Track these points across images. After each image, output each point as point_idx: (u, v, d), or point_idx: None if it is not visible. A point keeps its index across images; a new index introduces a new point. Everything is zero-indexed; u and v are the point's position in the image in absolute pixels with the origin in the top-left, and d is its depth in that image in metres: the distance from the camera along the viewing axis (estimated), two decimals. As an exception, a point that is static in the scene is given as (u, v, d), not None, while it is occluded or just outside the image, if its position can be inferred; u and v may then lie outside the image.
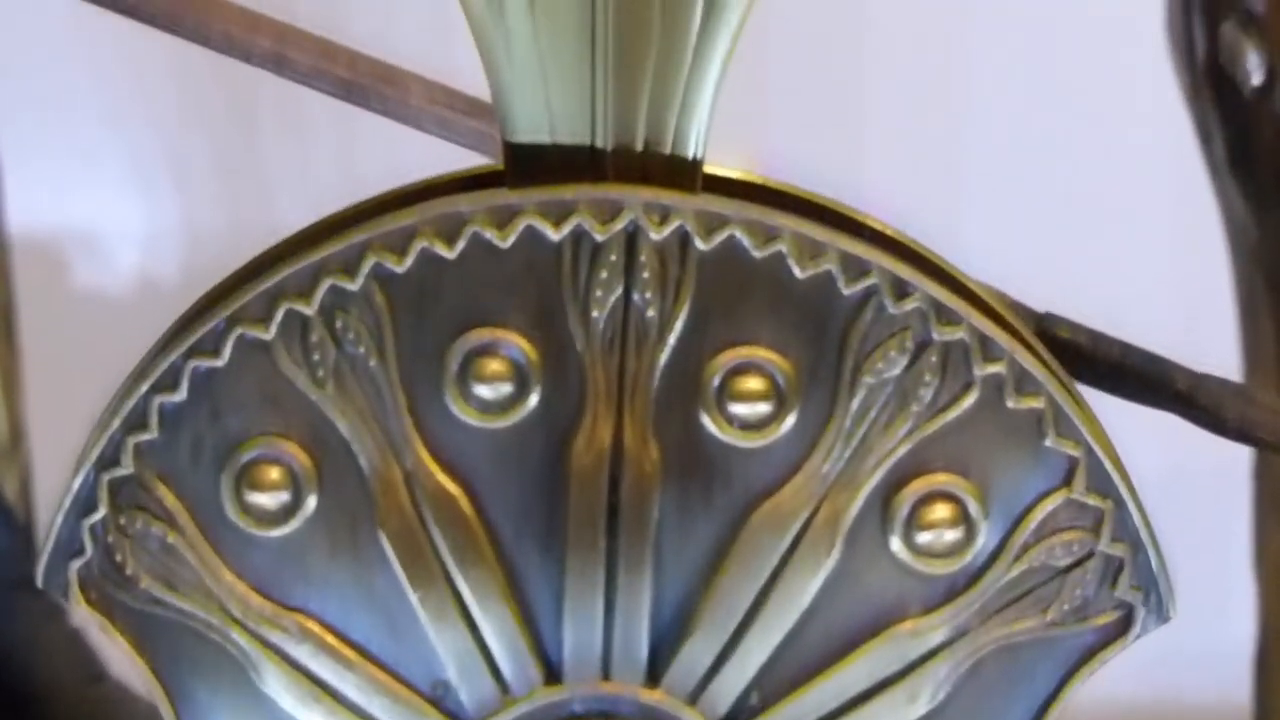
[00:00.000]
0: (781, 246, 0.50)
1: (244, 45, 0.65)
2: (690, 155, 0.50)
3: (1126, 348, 0.64)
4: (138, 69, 1.12)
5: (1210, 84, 0.73)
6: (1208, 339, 0.71)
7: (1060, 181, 1.05)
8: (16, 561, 0.94)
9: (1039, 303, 0.68)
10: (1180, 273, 0.93)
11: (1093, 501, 0.51)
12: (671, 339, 0.50)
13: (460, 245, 0.50)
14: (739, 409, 0.50)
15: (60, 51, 1.11)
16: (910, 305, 0.50)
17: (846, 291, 0.50)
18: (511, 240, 0.50)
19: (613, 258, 0.50)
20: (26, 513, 0.98)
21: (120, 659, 0.53)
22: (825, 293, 0.50)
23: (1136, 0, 0.72)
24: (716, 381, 0.50)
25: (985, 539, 0.51)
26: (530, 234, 0.50)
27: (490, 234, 0.50)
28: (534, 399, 0.50)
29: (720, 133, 0.52)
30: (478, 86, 0.53)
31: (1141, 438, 0.64)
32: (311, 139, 1.14)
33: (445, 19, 0.51)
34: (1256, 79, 0.68)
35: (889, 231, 0.52)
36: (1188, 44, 0.72)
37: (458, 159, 0.70)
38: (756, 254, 0.50)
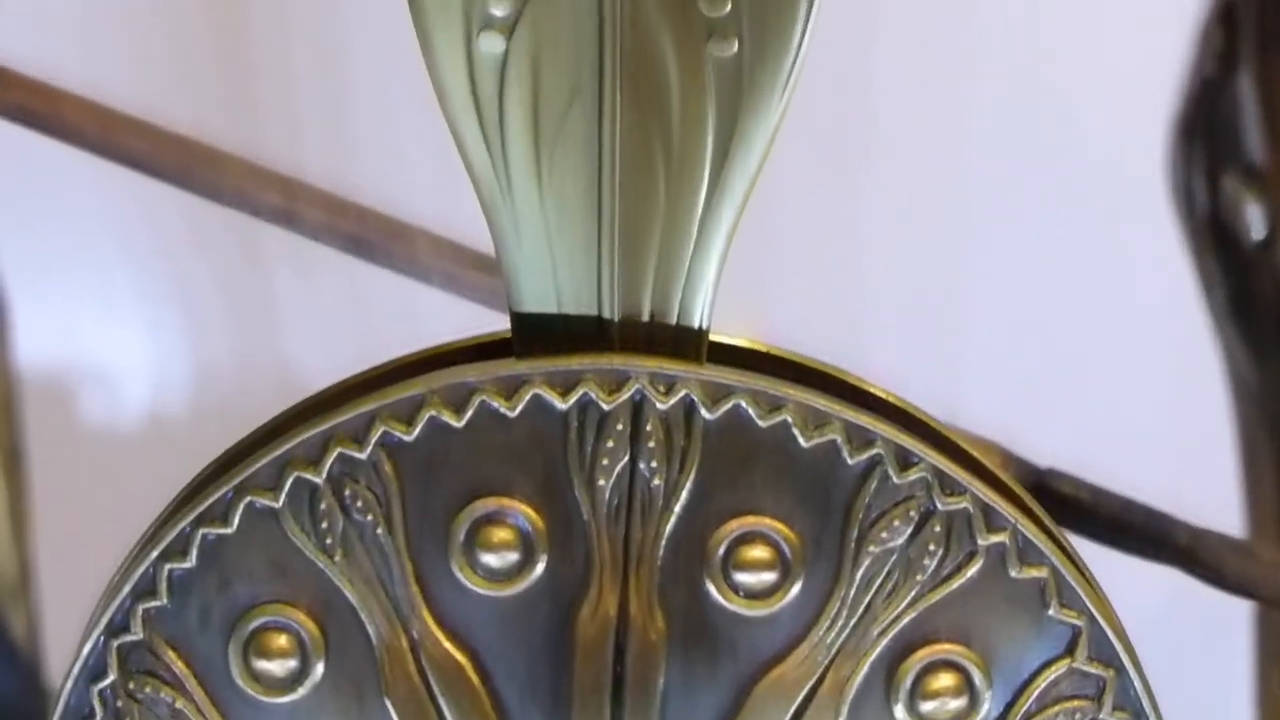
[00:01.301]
0: (786, 416, 0.50)
1: (253, 200, 0.66)
2: (696, 325, 0.51)
3: (1128, 503, 0.65)
4: (147, 204, 1.13)
5: (1211, 235, 0.73)
6: (1209, 489, 0.71)
7: (1060, 334, 1.05)
8: (24, 703, 0.94)
9: (1041, 454, 0.68)
10: (1181, 423, 0.93)
11: (1095, 670, 0.52)
12: (677, 508, 0.50)
13: (468, 414, 0.50)
14: (744, 578, 0.51)
15: (70, 186, 1.12)
16: (914, 475, 0.50)
17: (851, 461, 0.50)
18: (519, 409, 0.50)
19: (619, 427, 0.50)
20: (34, 653, 0.98)
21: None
22: (830, 462, 0.50)
23: (1134, 153, 0.73)
24: (722, 550, 0.51)
25: (989, 708, 0.52)
26: (537, 403, 0.50)
27: (498, 403, 0.50)
28: (540, 567, 0.51)
29: (725, 297, 0.52)
30: (486, 241, 0.53)
31: (1141, 574, 0.65)
32: (321, 276, 1.15)
33: (454, 173, 0.52)
34: (1257, 232, 0.68)
35: (892, 399, 0.53)
36: (1188, 196, 0.73)
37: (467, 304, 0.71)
38: (762, 423, 0.50)
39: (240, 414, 1.06)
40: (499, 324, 0.53)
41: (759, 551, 0.51)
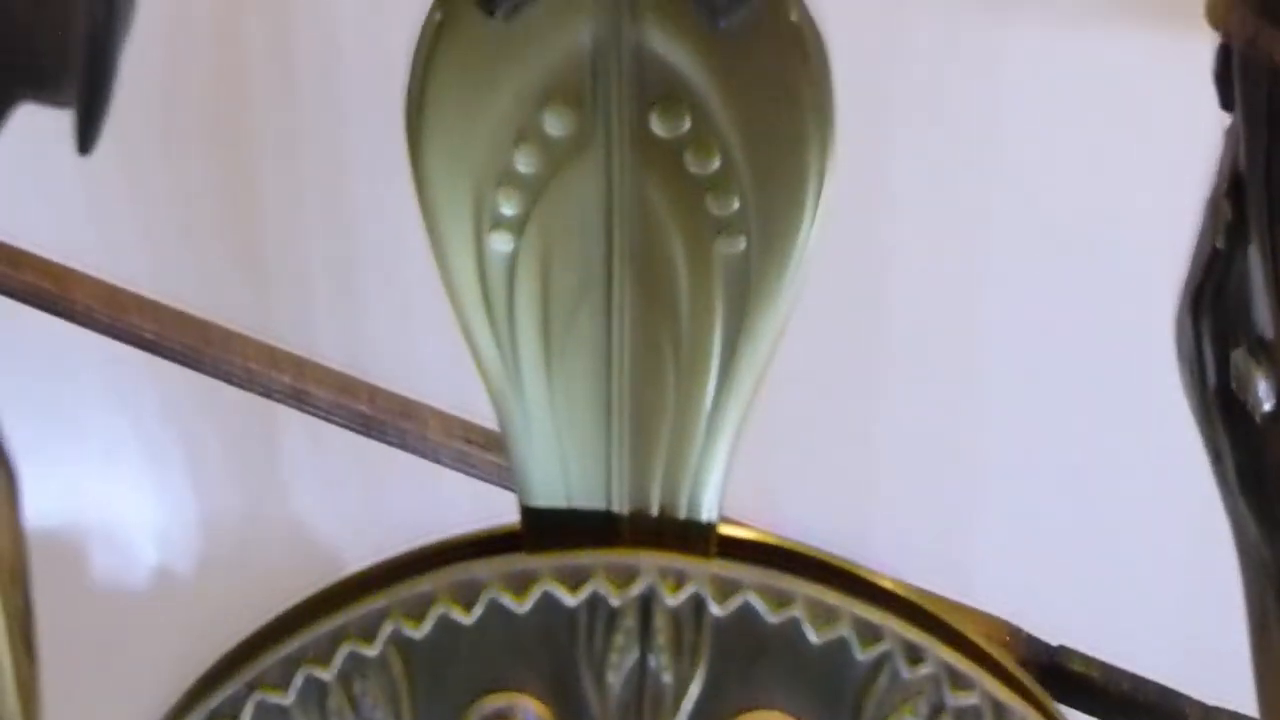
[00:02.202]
0: (796, 612, 0.50)
1: (264, 380, 0.67)
2: (704, 519, 0.51)
3: (1138, 681, 0.64)
4: (154, 365, 1.14)
5: (1221, 407, 0.73)
6: (1220, 666, 0.71)
7: (1071, 512, 1.06)
8: None
9: (1051, 631, 0.68)
10: (1191, 598, 0.93)
11: None
12: (687, 704, 0.50)
13: (477, 611, 0.50)
14: (756, 773, 0.51)
15: (77, 346, 1.13)
16: (924, 670, 0.50)
17: (860, 657, 0.50)
18: (528, 606, 0.50)
19: (628, 623, 0.50)
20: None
21: None
22: (840, 658, 0.50)
23: (1142, 327, 0.73)
24: (733, 746, 0.51)
25: None
26: (547, 599, 0.50)
27: (507, 599, 0.50)
28: (550, 764, 0.51)
29: (735, 485, 0.52)
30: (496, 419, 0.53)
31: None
32: (328, 435, 1.15)
33: (465, 352, 0.52)
34: (1267, 405, 0.68)
35: (901, 591, 0.52)
36: (1199, 368, 0.73)
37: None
38: (771, 619, 0.50)
39: (248, 572, 1.06)
40: (507, 498, 0.53)
41: (770, 747, 0.51)
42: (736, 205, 0.49)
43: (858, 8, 0.92)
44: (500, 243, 0.49)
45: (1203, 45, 0.54)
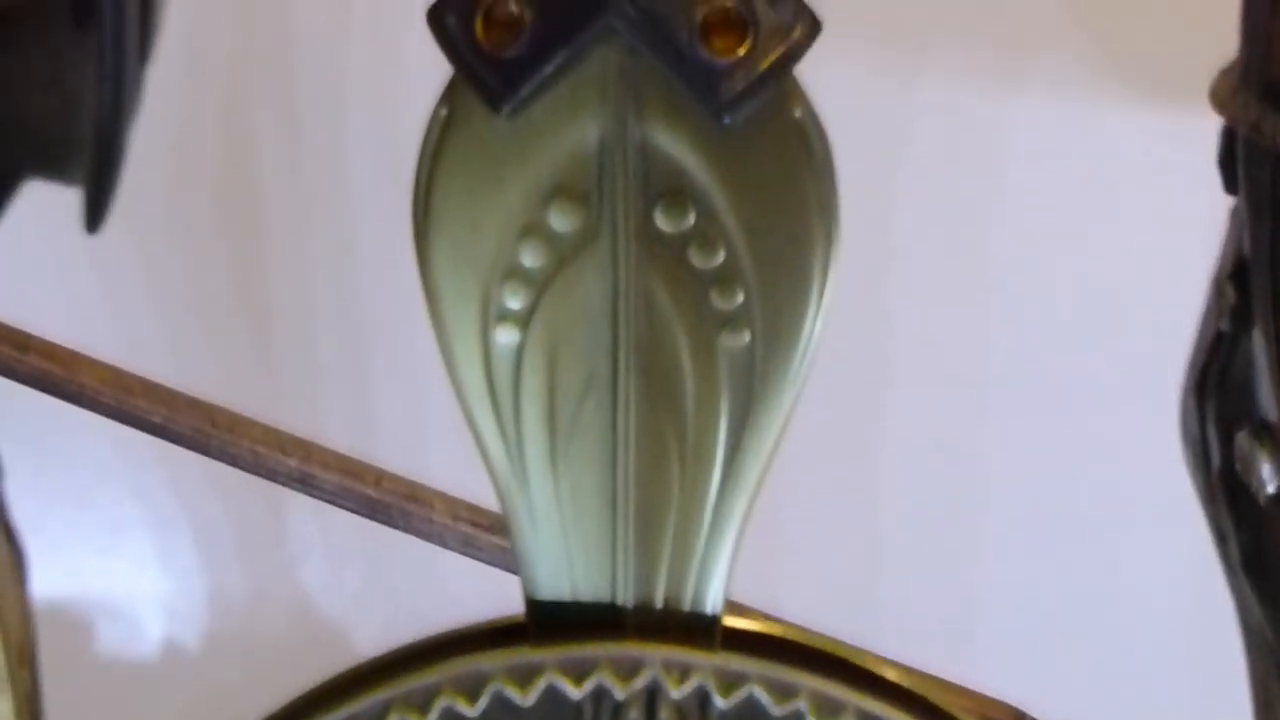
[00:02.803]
0: (800, 704, 0.50)
1: (270, 464, 0.67)
2: (709, 611, 0.51)
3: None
4: (162, 441, 1.14)
5: (1225, 489, 0.73)
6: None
7: (1075, 595, 1.06)
8: None
9: (1055, 714, 0.68)
10: (1196, 678, 0.93)
11: None
12: (692, 797, 0.50)
13: (482, 703, 0.50)
14: None
15: (84, 423, 1.13)
16: (929, 762, 0.50)
17: (865, 749, 0.50)
18: (533, 698, 0.50)
19: (633, 715, 0.50)
20: None
21: None
22: (844, 750, 0.50)
23: (1146, 406, 0.73)
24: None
25: None
26: (551, 692, 0.50)
27: (512, 691, 0.50)
28: None
29: (741, 575, 0.52)
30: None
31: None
32: (335, 510, 1.15)
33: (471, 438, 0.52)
34: (1271, 488, 0.68)
35: (905, 682, 0.52)
36: (1203, 449, 0.73)
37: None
38: (776, 711, 0.50)
39: (254, 649, 1.06)
40: (512, 578, 0.53)
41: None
42: (741, 299, 0.49)
43: (862, 85, 0.93)
44: (506, 336, 0.50)
45: (1208, 124, 0.54)
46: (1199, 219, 0.57)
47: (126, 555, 1.29)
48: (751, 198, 0.48)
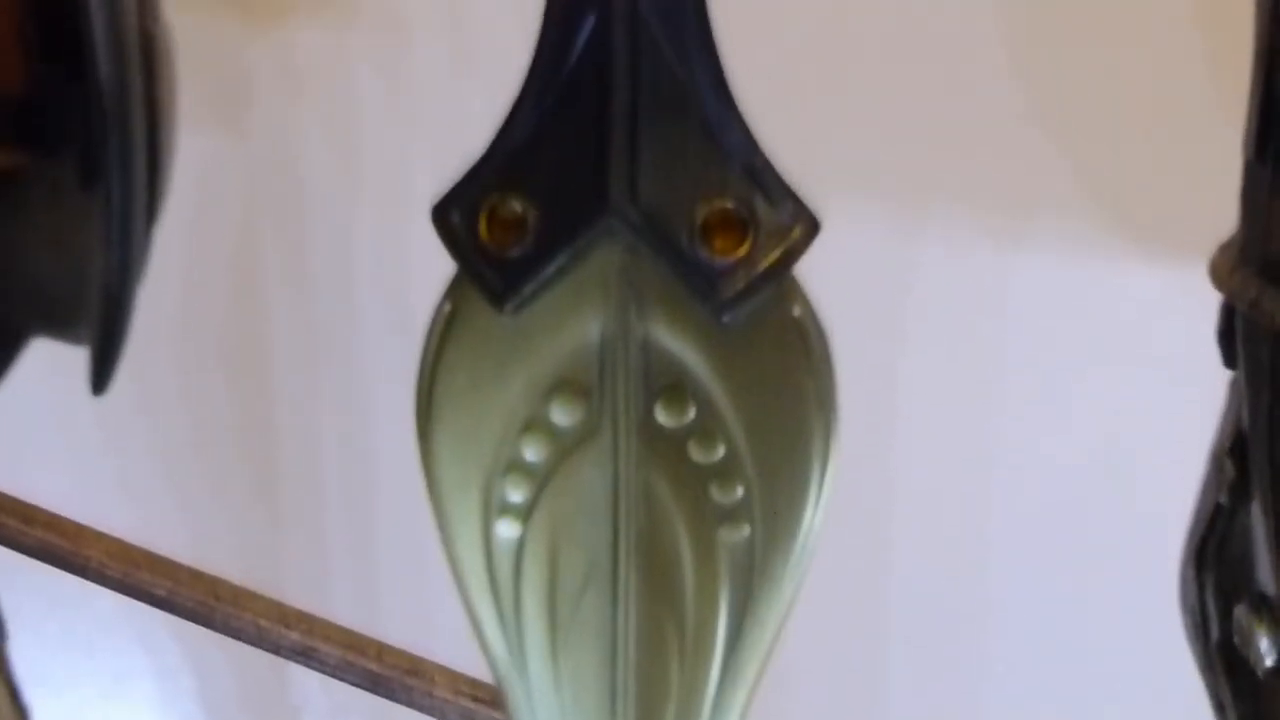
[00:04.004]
0: None
1: (274, 638, 0.67)
2: (710, 801, 0.51)
3: None
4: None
5: (1224, 660, 0.73)
6: None
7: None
8: None
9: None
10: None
11: None
12: None
13: None
14: None
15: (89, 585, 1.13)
16: None
17: None
18: None
19: None
20: None
21: None
22: None
23: (1145, 564, 0.73)
24: None
25: None
26: None
27: None
28: None
29: None
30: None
31: None
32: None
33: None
34: (1269, 661, 0.68)
35: None
36: (1202, 620, 0.73)
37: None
38: None
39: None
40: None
41: None
42: (740, 494, 0.49)
43: (866, 242, 0.93)
44: (507, 529, 0.50)
45: (1209, 281, 0.54)
46: (1201, 376, 0.57)
47: (129, 704, 1.29)
48: (751, 394, 0.49)
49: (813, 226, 0.48)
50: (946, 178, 0.93)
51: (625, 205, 0.48)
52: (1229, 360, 0.59)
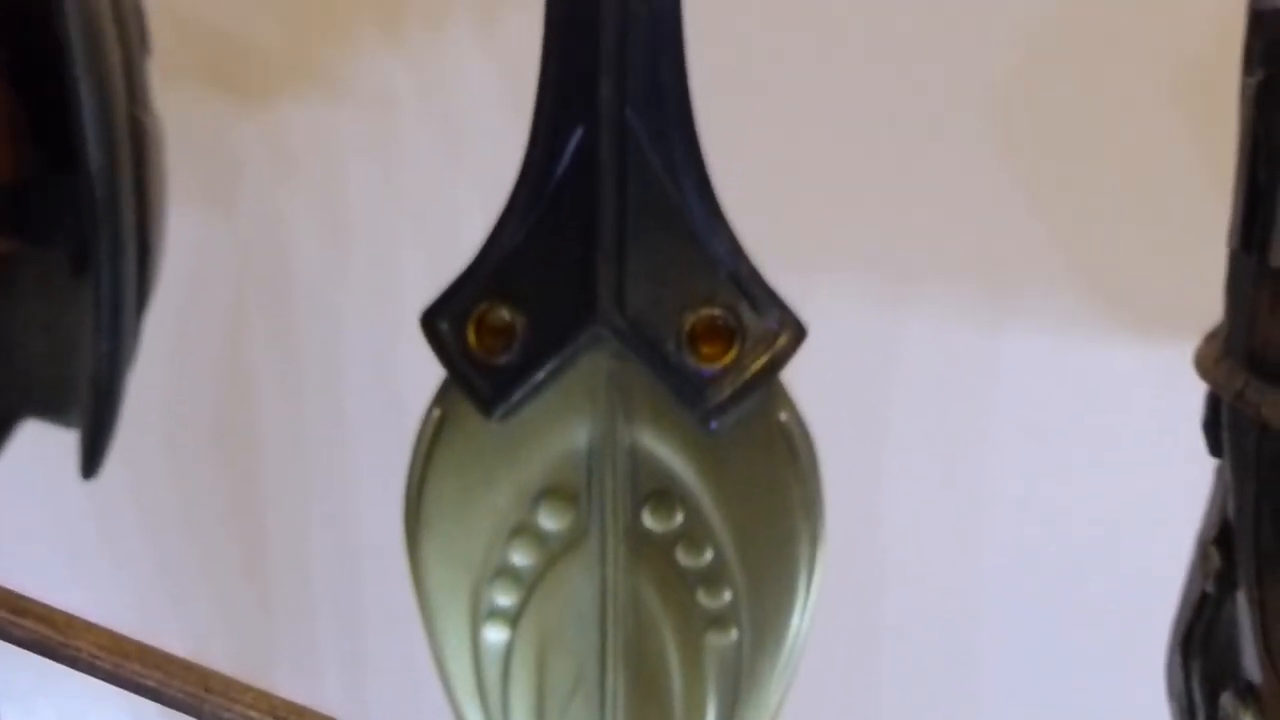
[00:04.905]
0: None
1: (264, 730, 0.67)
2: None
3: None
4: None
5: (1210, 746, 0.73)
6: None
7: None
8: None
9: None
10: None
11: None
12: None
13: None
14: None
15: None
16: None
17: None
18: None
19: None
20: None
21: None
22: None
23: (1134, 655, 0.73)
24: None
25: None
26: None
27: None
28: None
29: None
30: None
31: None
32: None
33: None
34: (1253, 744, 0.68)
35: None
36: (1188, 707, 0.73)
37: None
38: None
39: None
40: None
41: None
42: (728, 598, 0.50)
43: (853, 319, 0.94)
44: (495, 633, 0.50)
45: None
46: (1186, 452, 0.57)
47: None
48: (738, 499, 0.49)
49: (798, 333, 0.49)
50: (933, 256, 0.93)
51: (613, 313, 0.48)
52: (1214, 449, 0.59)
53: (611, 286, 0.48)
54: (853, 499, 0.88)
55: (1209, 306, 0.54)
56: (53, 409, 0.60)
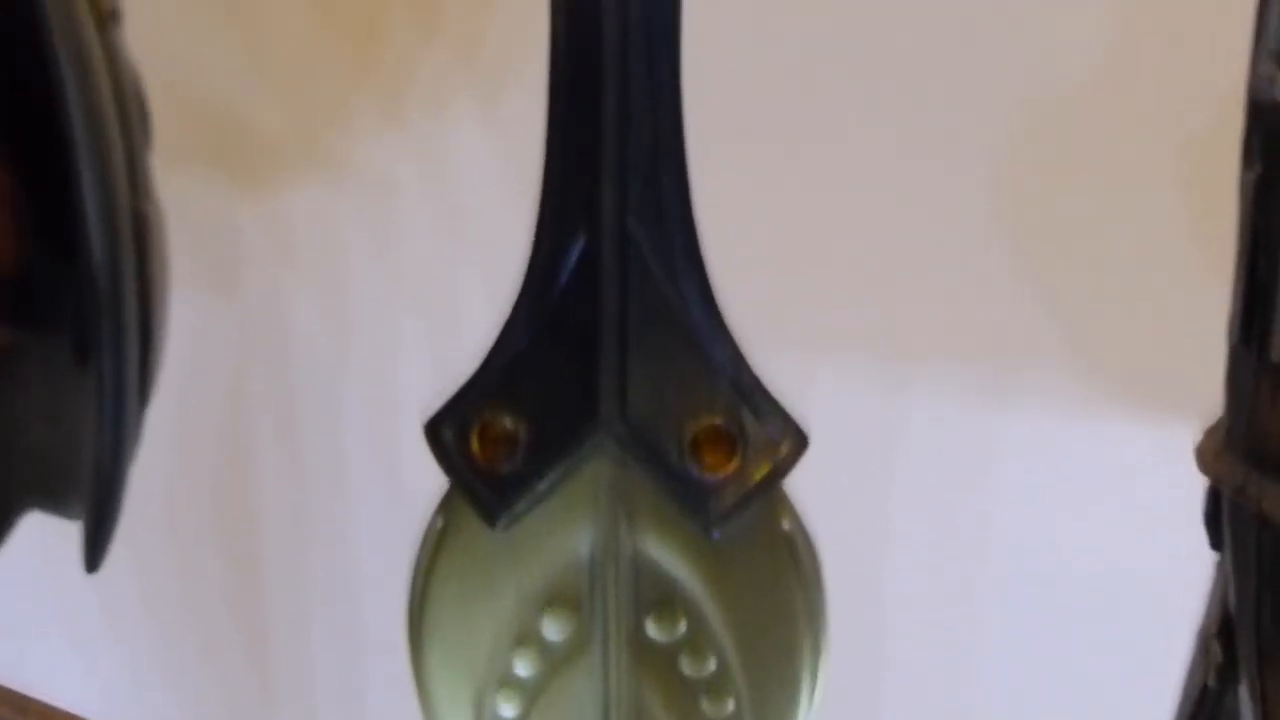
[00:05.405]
0: None
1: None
2: None
3: None
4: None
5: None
6: None
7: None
8: None
9: None
10: None
11: None
12: None
13: None
14: None
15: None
16: None
17: None
18: None
19: None
20: None
21: None
22: None
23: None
24: None
25: None
26: None
27: None
28: None
29: None
30: None
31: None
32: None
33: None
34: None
35: None
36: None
37: None
38: None
39: None
40: None
41: None
42: (731, 707, 0.50)
43: (854, 400, 0.94)
44: (500, 745, 0.50)
45: (1191, 436, 0.54)
46: (1186, 530, 0.57)
47: None
48: (741, 607, 0.49)
49: (800, 442, 0.49)
50: (934, 339, 0.93)
51: (615, 421, 0.48)
52: (1215, 543, 0.59)
53: (614, 394, 0.48)
54: (855, 603, 0.88)
55: (1211, 389, 0.54)
56: (56, 500, 0.60)
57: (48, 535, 0.61)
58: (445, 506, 0.50)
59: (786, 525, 0.49)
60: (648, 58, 0.46)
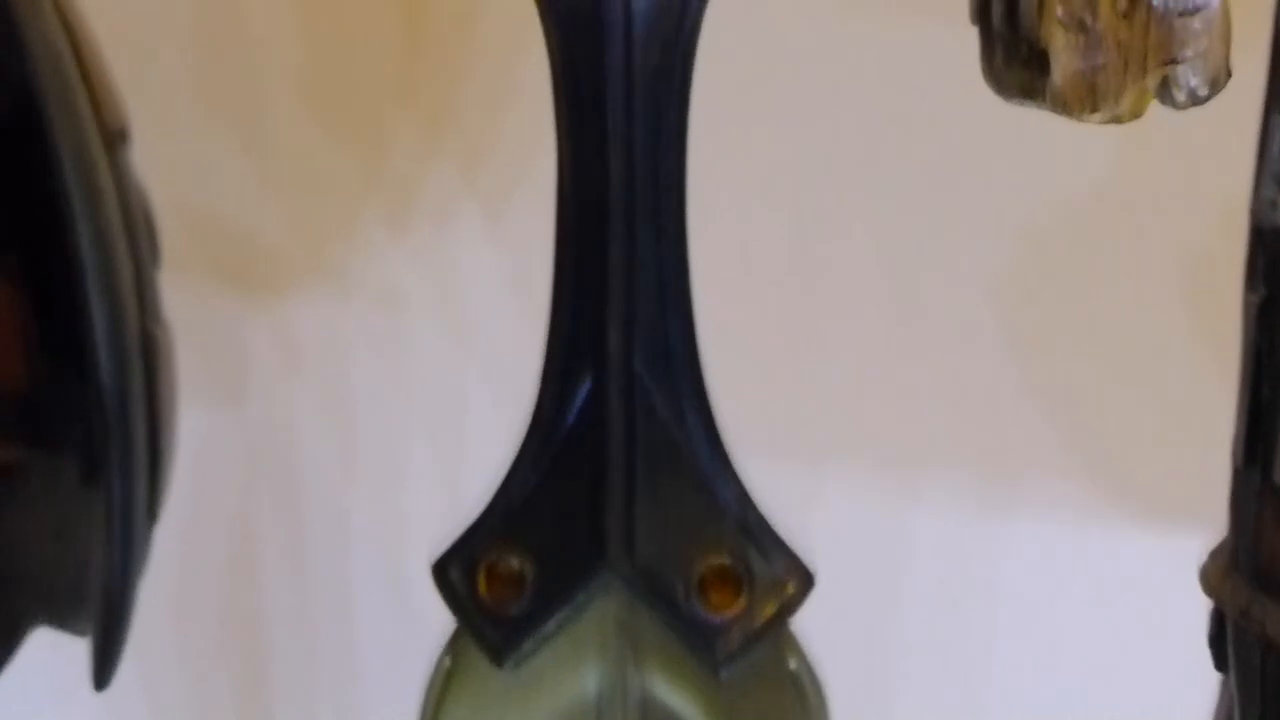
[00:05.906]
0: None
1: None
2: None
3: None
4: None
5: None
6: None
7: None
8: None
9: None
10: None
11: None
12: None
13: None
14: None
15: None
16: None
17: None
18: None
19: None
20: None
21: None
22: None
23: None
24: None
25: None
26: None
27: None
28: None
29: None
30: None
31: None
32: None
33: None
34: None
35: None
36: None
37: None
38: None
39: None
40: None
41: None
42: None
43: (856, 510, 0.94)
44: None
45: (1200, 545, 0.54)
46: (1194, 640, 0.57)
47: None
48: (749, 748, 0.49)
49: (806, 582, 0.49)
50: (936, 442, 0.93)
51: (622, 561, 0.49)
52: (1220, 664, 0.59)
53: (621, 535, 0.49)
54: (860, 689, 0.88)
55: (1217, 500, 0.54)
56: (63, 617, 0.60)
57: (56, 653, 0.61)
58: (453, 646, 0.50)
59: (793, 664, 0.49)
60: (654, 203, 0.46)
